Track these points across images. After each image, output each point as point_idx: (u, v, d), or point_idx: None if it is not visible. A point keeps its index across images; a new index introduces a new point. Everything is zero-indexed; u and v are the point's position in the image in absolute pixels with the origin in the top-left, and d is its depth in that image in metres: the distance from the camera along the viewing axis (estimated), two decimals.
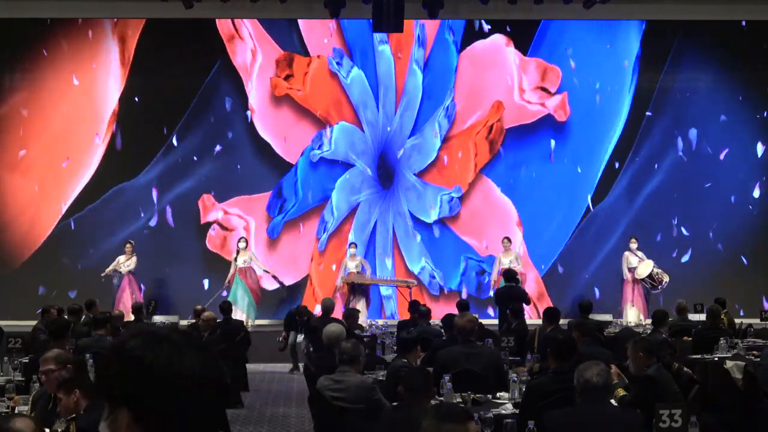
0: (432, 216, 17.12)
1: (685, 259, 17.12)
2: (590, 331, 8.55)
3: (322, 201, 17.11)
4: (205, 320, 11.58)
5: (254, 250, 16.49)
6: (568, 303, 16.09)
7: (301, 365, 12.26)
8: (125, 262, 15.82)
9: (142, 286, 16.25)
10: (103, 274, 15.82)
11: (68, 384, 5.49)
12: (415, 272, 16.97)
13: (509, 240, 16.35)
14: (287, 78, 17.02)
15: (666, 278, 15.90)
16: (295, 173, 17.06)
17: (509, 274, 14.03)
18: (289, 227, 17.10)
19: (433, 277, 17.09)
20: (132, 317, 13.19)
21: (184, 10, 15.35)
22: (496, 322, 15.02)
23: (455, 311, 11.19)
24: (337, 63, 17.12)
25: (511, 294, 13.36)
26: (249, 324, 14.95)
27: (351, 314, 11.53)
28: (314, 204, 17.11)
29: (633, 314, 15.76)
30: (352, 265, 16.08)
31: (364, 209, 17.19)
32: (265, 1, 15.77)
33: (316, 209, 17.10)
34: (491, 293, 16.16)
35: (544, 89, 17.25)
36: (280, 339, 13.82)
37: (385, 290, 16.95)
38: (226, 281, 15.96)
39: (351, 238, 16.87)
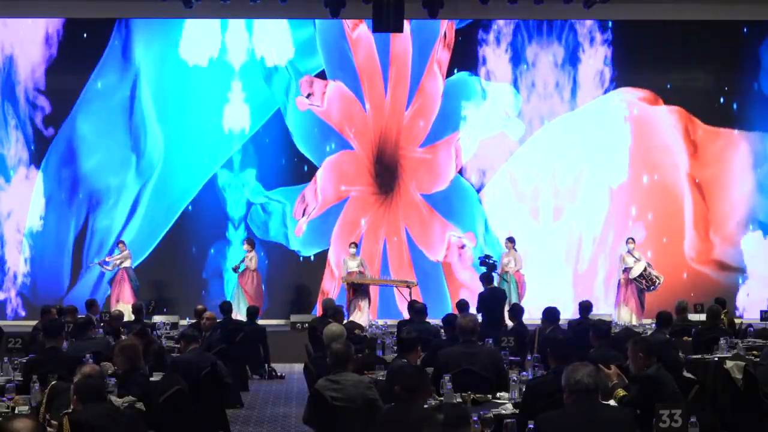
0: (439, 255, 17.18)
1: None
2: (606, 333, 8.54)
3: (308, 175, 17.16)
4: (209, 319, 11.64)
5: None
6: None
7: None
8: (119, 257, 16.12)
9: (137, 283, 16.26)
10: (98, 263, 16.39)
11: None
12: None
13: (510, 240, 16.36)
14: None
15: (660, 278, 15.96)
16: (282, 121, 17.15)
17: (487, 277, 13.92)
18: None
19: None
20: (132, 317, 13.19)
21: (183, 10, 15.35)
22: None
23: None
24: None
25: (496, 296, 13.28)
26: None
27: (338, 311, 11.55)
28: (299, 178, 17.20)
29: (625, 314, 15.79)
30: (353, 265, 16.09)
31: (357, 208, 17.22)
32: (266, 1, 15.79)
33: (299, 183, 17.22)
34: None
35: None
36: None
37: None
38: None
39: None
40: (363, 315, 15.63)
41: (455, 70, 17.32)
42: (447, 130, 17.30)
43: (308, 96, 17.16)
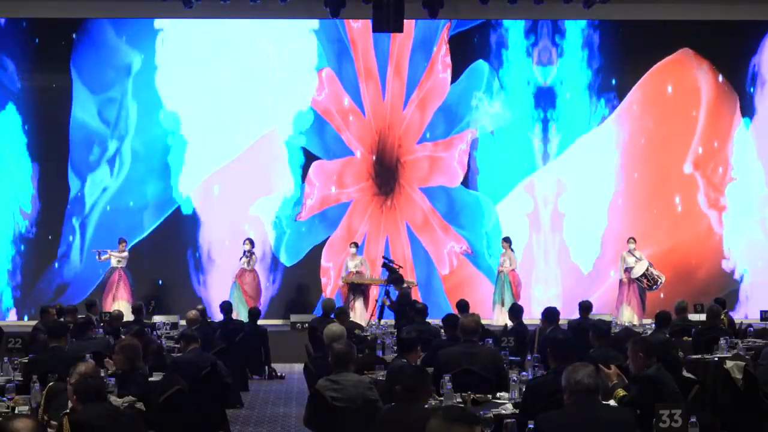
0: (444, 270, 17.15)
1: None
2: (606, 333, 8.57)
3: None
4: (187, 318, 11.38)
5: None
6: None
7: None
8: (118, 255, 16.05)
9: (132, 283, 16.23)
10: (95, 251, 16.28)
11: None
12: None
13: (506, 240, 16.35)
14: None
15: (662, 278, 15.97)
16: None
17: (398, 279, 13.96)
18: None
19: None
20: (132, 317, 13.19)
21: (183, 10, 15.36)
22: (491, 321, 15.14)
23: None
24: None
25: (410, 295, 13.41)
26: None
27: (343, 311, 11.52)
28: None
29: (627, 314, 15.80)
30: (351, 265, 16.10)
31: (358, 208, 17.21)
32: (266, 1, 15.80)
33: (298, 184, 17.20)
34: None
35: None
36: None
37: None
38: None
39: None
40: (358, 314, 15.63)
41: (462, 68, 17.36)
42: (449, 130, 17.30)
43: (309, 91, 17.23)
